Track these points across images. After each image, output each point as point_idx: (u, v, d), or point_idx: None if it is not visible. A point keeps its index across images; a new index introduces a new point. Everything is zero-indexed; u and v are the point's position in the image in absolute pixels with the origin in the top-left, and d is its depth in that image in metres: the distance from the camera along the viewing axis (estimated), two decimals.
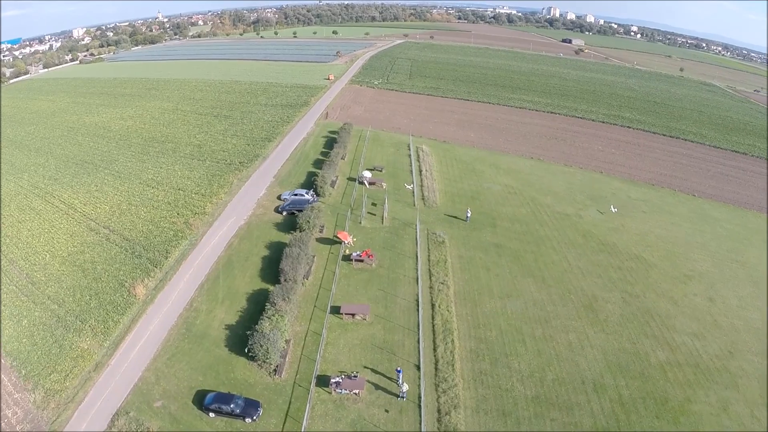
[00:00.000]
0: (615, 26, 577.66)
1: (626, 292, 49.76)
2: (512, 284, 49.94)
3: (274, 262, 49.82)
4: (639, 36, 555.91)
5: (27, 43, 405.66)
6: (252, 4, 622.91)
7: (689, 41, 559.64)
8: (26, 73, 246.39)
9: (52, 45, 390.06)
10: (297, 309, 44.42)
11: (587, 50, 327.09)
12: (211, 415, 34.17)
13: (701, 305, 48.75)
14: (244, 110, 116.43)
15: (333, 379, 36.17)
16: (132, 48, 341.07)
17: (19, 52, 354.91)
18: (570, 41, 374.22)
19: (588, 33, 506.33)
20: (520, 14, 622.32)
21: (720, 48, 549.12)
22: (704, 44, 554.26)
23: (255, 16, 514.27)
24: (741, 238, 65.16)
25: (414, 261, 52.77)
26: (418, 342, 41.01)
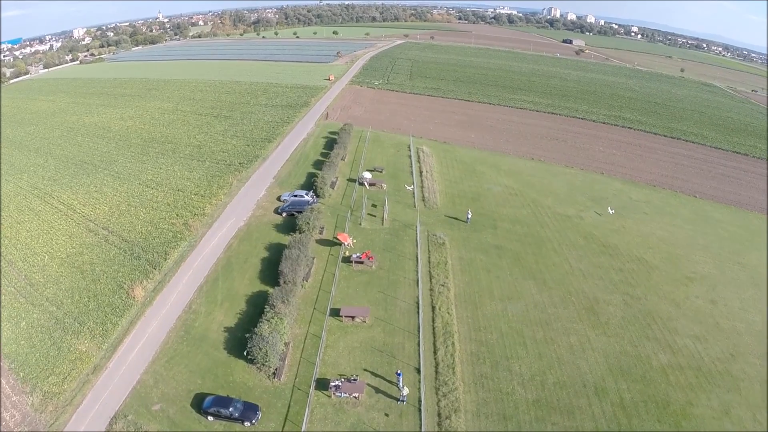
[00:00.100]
0: (615, 27, 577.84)
1: (628, 295, 49.51)
2: (513, 286, 49.71)
3: (274, 264, 49.60)
4: (639, 36, 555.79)
5: (27, 43, 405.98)
6: (252, 5, 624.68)
7: (690, 42, 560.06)
8: (26, 74, 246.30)
9: (53, 45, 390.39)
10: (296, 311, 44.19)
11: (588, 51, 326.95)
12: (210, 419, 33.95)
13: (703, 308, 48.51)
14: (244, 111, 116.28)
15: (332, 383, 35.93)
16: (132, 48, 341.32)
17: (20, 52, 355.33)
18: (570, 42, 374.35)
19: (588, 33, 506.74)
20: (521, 15, 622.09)
21: (720, 48, 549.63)
22: (704, 45, 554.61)
23: (255, 17, 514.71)
24: (743, 240, 64.93)
25: (414, 263, 52.55)
26: (419, 345, 40.79)
